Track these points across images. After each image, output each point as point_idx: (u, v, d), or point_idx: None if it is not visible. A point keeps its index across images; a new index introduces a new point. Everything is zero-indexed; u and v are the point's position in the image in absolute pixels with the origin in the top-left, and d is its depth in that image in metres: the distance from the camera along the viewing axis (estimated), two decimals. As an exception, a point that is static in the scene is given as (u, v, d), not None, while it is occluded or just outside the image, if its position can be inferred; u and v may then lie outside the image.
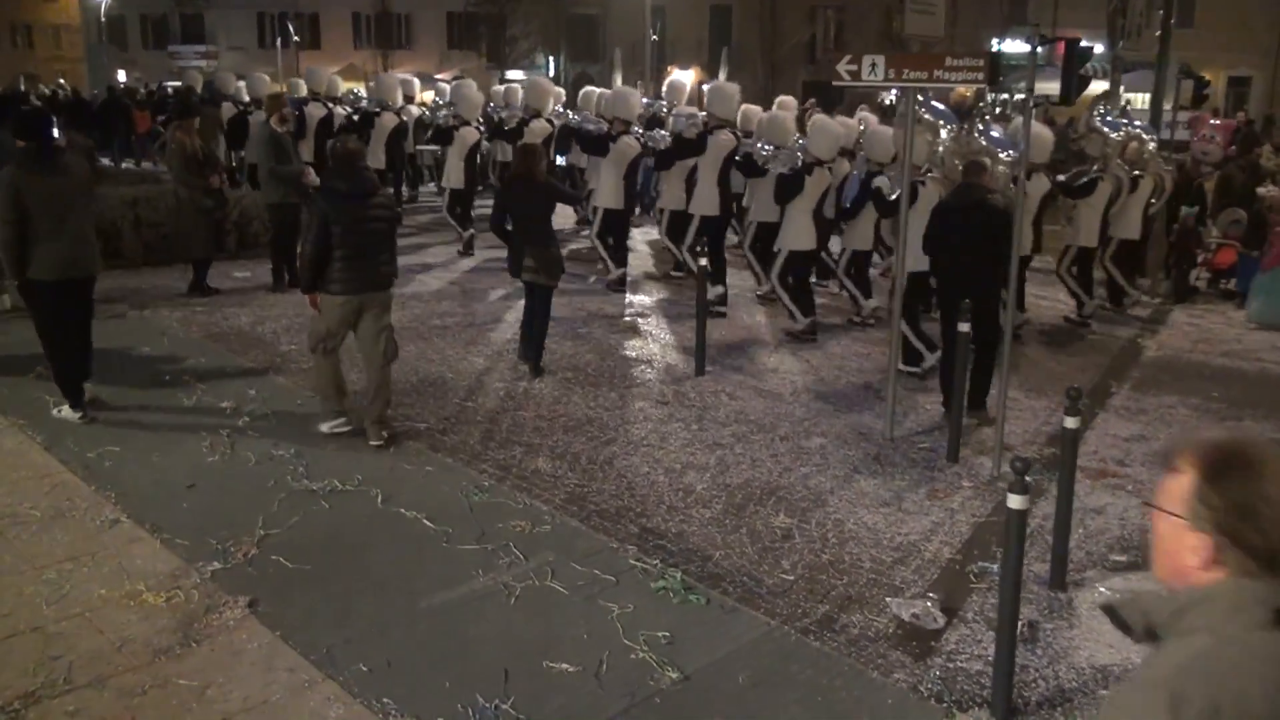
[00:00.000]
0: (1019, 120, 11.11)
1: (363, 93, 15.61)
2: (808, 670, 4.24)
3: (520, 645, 4.32)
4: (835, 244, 10.61)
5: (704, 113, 10.97)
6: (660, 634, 4.42)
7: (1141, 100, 22.85)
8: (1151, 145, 11.28)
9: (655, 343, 9.26)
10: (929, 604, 4.78)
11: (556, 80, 38.95)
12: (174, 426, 6.69)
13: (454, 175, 12.71)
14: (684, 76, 26.11)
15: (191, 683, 4.00)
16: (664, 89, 14.25)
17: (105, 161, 18.36)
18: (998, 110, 11.26)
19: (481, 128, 12.84)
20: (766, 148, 9.91)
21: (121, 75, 40.17)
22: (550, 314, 8.26)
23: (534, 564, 5.01)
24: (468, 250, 12.89)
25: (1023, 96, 6.61)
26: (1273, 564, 1.53)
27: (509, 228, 8.01)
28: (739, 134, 10.74)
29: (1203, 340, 10.19)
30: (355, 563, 4.99)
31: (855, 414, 7.45)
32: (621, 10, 39.77)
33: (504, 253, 8.53)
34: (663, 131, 11.72)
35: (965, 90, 25.93)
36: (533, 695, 4.01)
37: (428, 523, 5.41)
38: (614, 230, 11.45)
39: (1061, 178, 10.74)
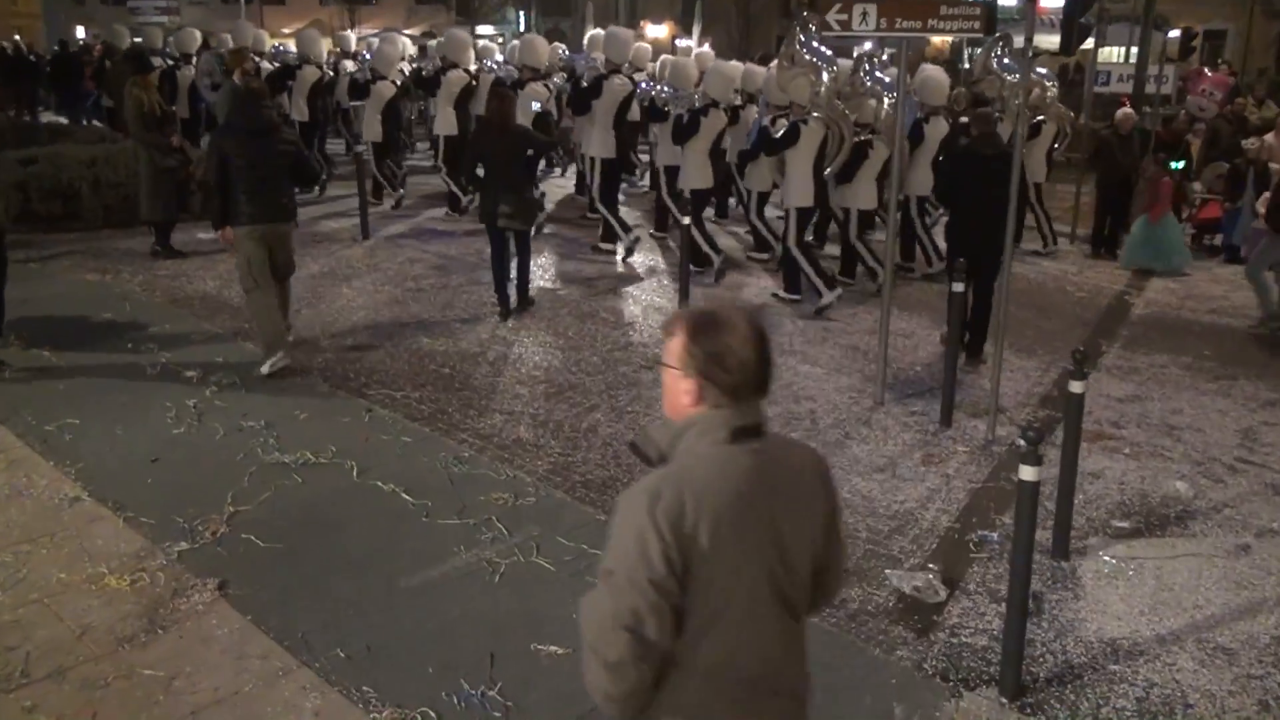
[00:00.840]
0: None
1: (291, 47, 15.21)
2: (809, 648, 4.05)
3: (506, 627, 4.11)
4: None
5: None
6: (652, 612, 4.22)
7: (1117, 54, 22.59)
8: (1052, 91, 11.56)
9: (636, 304, 9.02)
10: (930, 576, 4.61)
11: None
12: (137, 397, 6.40)
13: (372, 129, 12.89)
14: (656, 31, 25.70)
15: (158, 673, 3.77)
16: (585, 41, 14.21)
17: (62, 120, 17.76)
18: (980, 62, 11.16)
19: (398, 82, 13.00)
20: (666, 91, 10.26)
21: (81, 32, 39.05)
22: (529, 253, 8.57)
23: (518, 539, 4.79)
24: (397, 206, 13.11)
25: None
26: (736, 395, 2.02)
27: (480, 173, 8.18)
28: (634, 78, 11.13)
29: (1190, 297, 10.06)
30: (330, 540, 4.76)
31: (844, 377, 7.26)
32: (594, -37, 38.87)
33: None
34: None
35: (942, 43, 25.64)
36: (520, 680, 3.81)
37: (405, 496, 5.18)
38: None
39: (965, 119, 11.07)
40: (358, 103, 13.43)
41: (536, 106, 11.39)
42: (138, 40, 17.16)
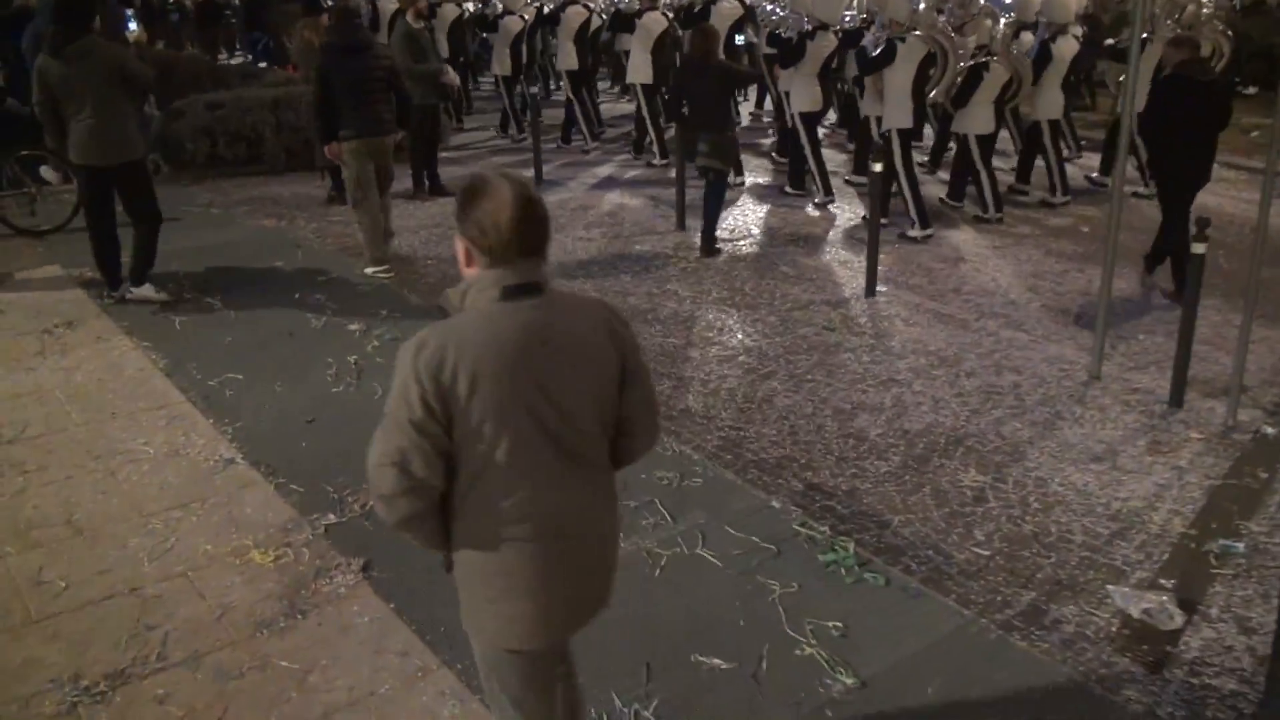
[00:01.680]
0: None
1: None
2: (1013, 680, 3.46)
3: (665, 631, 3.68)
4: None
5: None
6: (831, 624, 3.71)
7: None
8: (1207, 8, 10.50)
9: (819, 256, 8.36)
10: (1162, 596, 3.91)
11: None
12: (300, 351, 6.26)
13: (501, 63, 12.99)
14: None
15: (293, 665, 3.52)
16: None
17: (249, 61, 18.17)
18: None
19: (526, 17, 13.00)
20: (778, 14, 10.23)
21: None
22: (723, 199, 8.38)
23: (682, 527, 4.35)
24: (508, 134, 13.49)
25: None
26: (494, 256, 2.18)
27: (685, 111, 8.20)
28: (746, 3, 11.34)
29: None
30: (481, 519, 4.44)
31: (1054, 344, 6.45)
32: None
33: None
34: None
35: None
36: (678, 696, 3.38)
37: (563, 471, 4.80)
38: (652, 110, 11.77)
39: (1110, 41, 10.71)
40: (491, 34, 13.48)
41: (740, 39, 11.02)
42: None
